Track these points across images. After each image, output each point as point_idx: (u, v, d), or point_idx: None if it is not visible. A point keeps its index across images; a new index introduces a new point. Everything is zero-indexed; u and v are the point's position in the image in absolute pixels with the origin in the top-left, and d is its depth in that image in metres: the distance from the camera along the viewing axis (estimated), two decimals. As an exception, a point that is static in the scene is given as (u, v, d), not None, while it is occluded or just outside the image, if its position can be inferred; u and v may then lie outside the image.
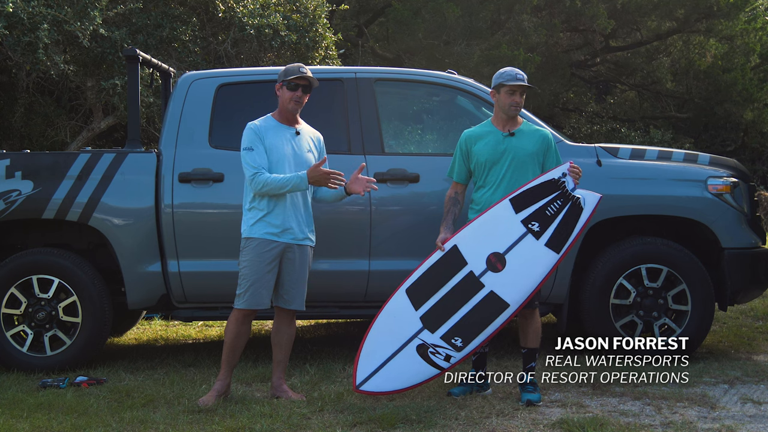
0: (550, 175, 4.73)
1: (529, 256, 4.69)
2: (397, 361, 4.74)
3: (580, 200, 4.69)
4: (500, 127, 4.95)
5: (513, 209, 4.71)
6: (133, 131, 6.18)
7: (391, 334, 4.76)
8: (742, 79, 17.99)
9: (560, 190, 4.70)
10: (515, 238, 4.71)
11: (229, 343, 4.91)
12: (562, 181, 4.70)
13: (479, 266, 4.73)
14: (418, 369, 4.74)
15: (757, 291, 6.13)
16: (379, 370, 4.74)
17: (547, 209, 4.67)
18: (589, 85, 21.36)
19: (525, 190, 4.72)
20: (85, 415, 4.66)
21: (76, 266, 5.80)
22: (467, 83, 6.06)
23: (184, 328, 7.89)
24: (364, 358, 4.75)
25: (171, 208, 5.75)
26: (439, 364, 4.74)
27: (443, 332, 4.73)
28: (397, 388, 4.75)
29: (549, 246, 4.68)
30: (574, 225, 4.70)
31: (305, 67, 4.96)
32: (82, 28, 9.32)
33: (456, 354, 4.73)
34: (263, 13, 10.93)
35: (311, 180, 4.77)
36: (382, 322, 4.80)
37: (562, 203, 4.69)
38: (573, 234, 4.70)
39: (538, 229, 4.67)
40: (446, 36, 15.84)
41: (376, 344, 4.76)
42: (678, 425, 4.28)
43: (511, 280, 4.69)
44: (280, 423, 4.37)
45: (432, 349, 4.72)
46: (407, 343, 4.75)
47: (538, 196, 4.70)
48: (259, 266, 4.83)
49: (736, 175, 5.99)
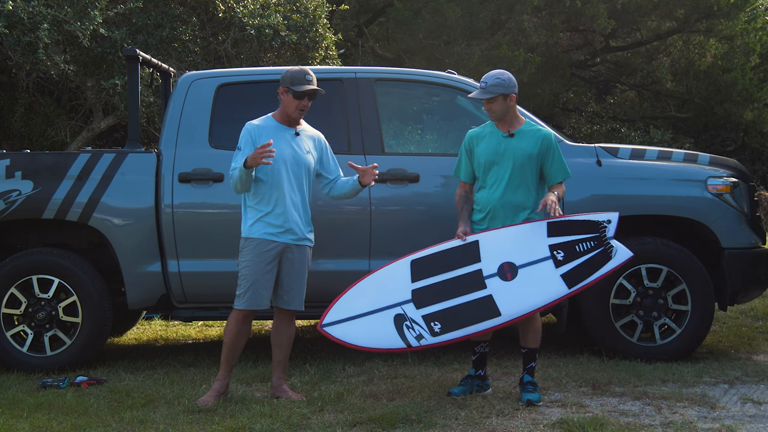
0: (596, 216, 4.75)
1: (542, 279, 4.70)
2: (370, 320, 4.73)
3: (612, 250, 4.70)
4: (501, 127, 4.95)
5: (546, 231, 4.73)
6: (133, 131, 6.18)
7: (376, 293, 4.78)
8: (742, 79, 18.00)
9: (598, 233, 4.72)
10: (536, 258, 4.72)
11: (229, 344, 4.91)
12: (604, 226, 4.71)
13: (490, 268, 4.74)
14: (385, 335, 4.71)
15: (757, 291, 6.12)
16: (349, 321, 4.74)
17: (578, 245, 4.69)
18: (589, 85, 21.37)
19: (566, 220, 4.75)
20: (85, 415, 4.66)
21: (76, 266, 5.80)
22: (467, 83, 6.06)
23: (184, 328, 7.89)
24: (341, 303, 4.77)
25: (171, 208, 5.75)
26: (409, 340, 4.68)
27: (427, 312, 4.72)
28: (356, 344, 4.72)
29: (564, 278, 4.69)
30: (596, 270, 4.70)
31: (311, 74, 4.94)
32: (82, 28, 9.32)
33: (429, 338, 4.68)
34: (263, 13, 10.93)
35: (248, 162, 4.67)
36: (373, 279, 4.84)
37: (595, 245, 4.70)
38: (591, 277, 4.70)
39: (561, 259, 4.69)
40: (446, 36, 15.84)
41: (358, 297, 4.78)
42: (678, 425, 4.28)
43: (514, 294, 4.69)
44: (280, 423, 4.37)
45: (409, 323, 4.71)
46: (388, 308, 4.75)
47: (576, 230, 4.72)
48: (259, 266, 4.83)
49: (736, 175, 5.99)
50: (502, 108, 4.86)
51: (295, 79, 4.88)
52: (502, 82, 4.81)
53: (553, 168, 4.89)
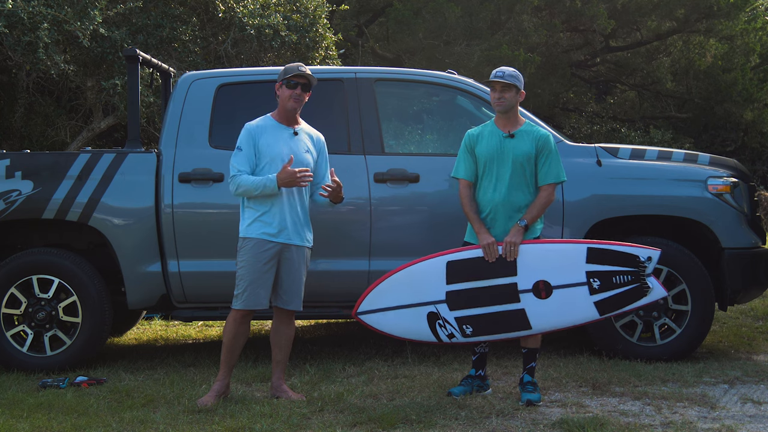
0: (638, 251, 4.75)
1: (575, 303, 4.75)
2: (404, 313, 4.87)
3: (647, 288, 4.73)
4: (501, 127, 4.94)
5: (586, 257, 4.76)
6: (133, 131, 6.18)
7: (411, 289, 4.88)
8: (742, 79, 17.99)
9: (638, 269, 4.73)
10: (572, 282, 4.75)
11: (228, 344, 4.91)
12: (644, 264, 4.73)
13: (526, 284, 4.78)
14: (418, 329, 4.88)
15: (757, 291, 6.13)
16: (383, 311, 4.88)
17: (615, 276, 4.72)
18: (589, 85, 21.36)
19: (608, 248, 4.76)
20: (85, 415, 4.66)
21: (76, 266, 5.80)
22: (467, 83, 6.06)
23: (184, 328, 7.89)
24: (376, 293, 4.89)
25: (171, 208, 5.75)
26: (440, 336, 4.87)
27: (460, 315, 4.82)
28: (389, 332, 4.92)
29: (596, 306, 4.74)
30: (629, 303, 4.76)
31: (304, 66, 4.97)
32: (82, 27, 9.32)
33: (459, 337, 4.85)
34: (263, 13, 10.92)
35: (281, 182, 4.75)
36: (409, 273, 4.91)
37: (632, 280, 4.73)
38: (623, 309, 4.78)
39: (597, 287, 4.73)
40: (446, 36, 15.83)
41: (392, 288, 4.89)
42: (678, 425, 4.28)
43: (546, 312, 4.76)
44: (280, 423, 4.37)
45: (441, 321, 4.84)
46: (422, 305, 4.86)
47: (616, 261, 4.74)
48: (256, 266, 4.83)
49: (736, 175, 5.99)
50: (513, 100, 4.90)
51: (288, 71, 4.93)
52: (519, 77, 4.91)
53: (544, 168, 4.86)
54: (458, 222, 5.19)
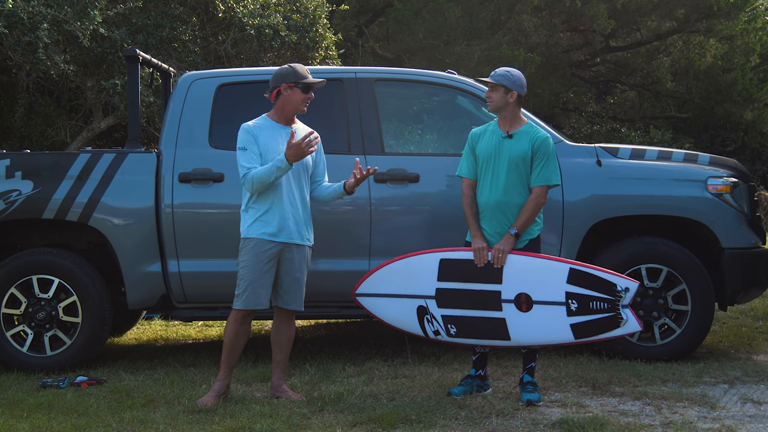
0: (618, 280, 4.67)
1: (552, 321, 4.73)
2: (395, 302, 5.03)
3: (621, 320, 4.65)
4: (501, 127, 4.94)
5: (567, 277, 4.71)
6: (133, 131, 6.18)
7: (405, 280, 5.00)
8: (742, 79, 17.98)
9: (614, 297, 4.66)
10: (551, 299, 4.73)
11: (228, 344, 4.91)
12: (621, 294, 4.65)
13: (509, 294, 4.78)
14: (407, 320, 5.03)
15: (757, 291, 6.13)
16: (377, 297, 5.09)
17: (592, 302, 4.68)
18: (589, 85, 21.35)
19: (589, 272, 4.71)
20: (85, 415, 4.66)
21: (76, 266, 5.80)
22: (467, 83, 6.05)
23: (184, 328, 7.89)
24: (374, 278, 5.09)
25: (171, 208, 5.75)
26: (427, 331, 4.97)
27: (447, 313, 4.89)
28: (381, 318, 5.12)
29: (572, 328, 4.71)
30: (603, 331, 4.70)
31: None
32: (82, 27, 9.31)
33: (444, 336, 4.93)
34: (263, 13, 10.91)
35: (290, 158, 4.72)
36: (405, 265, 5.03)
37: (607, 308, 4.67)
38: (598, 337, 4.72)
39: (574, 310, 4.70)
40: (446, 36, 15.83)
41: (388, 277, 5.06)
42: (678, 425, 4.28)
43: (525, 326, 4.76)
44: (280, 423, 4.37)
45: (429, 317, 4.93)
46: (412, 297, 4.97)
47: (595, 286, 4.68)
48: (257, 266, 4.83)
49: (736, 175, 5.99)
50: (501, 100, 4.85)
51: (299, 74, 4.91)
52: (509, 76, 4.84)
53: (536, 170, 4.82)
54: (458, 222, 5.19)
